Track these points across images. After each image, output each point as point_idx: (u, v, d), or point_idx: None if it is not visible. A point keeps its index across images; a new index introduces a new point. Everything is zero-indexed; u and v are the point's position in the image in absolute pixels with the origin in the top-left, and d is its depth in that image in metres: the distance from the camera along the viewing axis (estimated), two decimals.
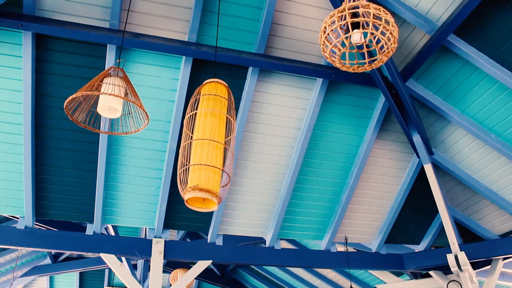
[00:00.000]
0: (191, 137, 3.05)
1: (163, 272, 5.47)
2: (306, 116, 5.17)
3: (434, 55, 4.77)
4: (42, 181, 5.15)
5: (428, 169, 5.57)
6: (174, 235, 8.21)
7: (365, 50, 2.73)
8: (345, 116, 5.33)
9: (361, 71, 2.80)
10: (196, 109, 3.09)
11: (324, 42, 2.66)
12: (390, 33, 2.55)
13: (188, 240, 8.10)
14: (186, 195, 2.83)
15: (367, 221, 6.16)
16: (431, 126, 5.45)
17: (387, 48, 2.63)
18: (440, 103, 5.08)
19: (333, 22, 2.62)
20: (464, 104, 4.95)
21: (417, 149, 5.47)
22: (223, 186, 3.03)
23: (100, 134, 4.88)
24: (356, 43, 2.61)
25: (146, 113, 3.10)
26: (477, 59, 4.46)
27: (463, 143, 5.34)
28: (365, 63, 2.78)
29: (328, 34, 2.60)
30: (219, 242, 5.71)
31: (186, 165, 2.96)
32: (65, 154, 5.06)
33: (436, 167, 5.70)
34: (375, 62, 2.76)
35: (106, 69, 4.22)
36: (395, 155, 5.77)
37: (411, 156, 5.81)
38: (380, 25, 2.51)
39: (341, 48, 2.72)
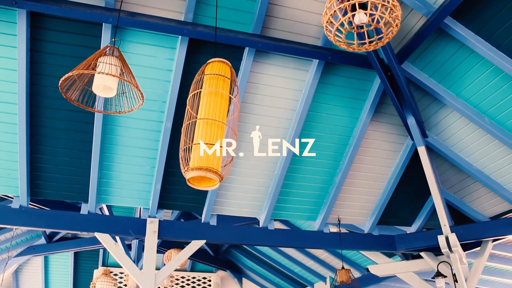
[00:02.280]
0: (194, 116, 3.06)
1: (157, 253, 5.51)
2: (301, 97, 5.18)
3: (430, 37, 4.77)
4: (37, 161, 5.14)
5: (422, 151, 5.62)
6: (168, 216, 8.25)
7: (366, 29, 2.73)
8: (341, 98, 5.34)
9: (362, 51, 2.81)
10: (200, 88, 3.10)
11: (328, 20, 2.66)
12: (396, 14, 2.56)
13: (182, 220, 8.15)
14: (188, 174, 2.85)
15: (360, 202, 6.22)
16: (425, 109, 5.48)
17: (392, 28, 2.64)
18: (435, 86, 5.10)
19: (341, 1, 2.61)
20: (459, 87, 4.98)
21: (411, 131, 5.51)
22: (225, 166, 3.05)
23: (95, 114, 4.86)
24: (361, 23, 2.61)
25: (141, 93, 3.10)
26: (473, 42, 4.47)
27: (457, 126, 5.38)
28: (366, 43, 2.79)
29: (334, 12, 2.59)
30: (213, 222, 5.75)
31: (188, 144, 2.97)
32: (60, 134, 5.05)
33: (430, 149, 5.74)
34: (381, 40, 2.76)
35: (101, 48, 4.19)
36: (389, 137, 5.80)
37: (405, 139, 5.85)
38: (384, 5, 2.51)
39: (345, 27, 2.72)
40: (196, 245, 5.56)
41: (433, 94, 5.19)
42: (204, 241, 5.60)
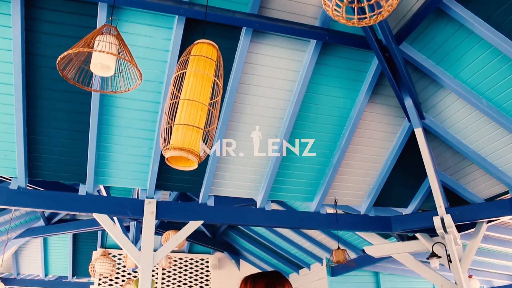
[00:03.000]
0: (177, 96, 3.06)
1: (155, 234, 5.55)
2: (299, 78, 5.16)
3: (429, 18, 4.75)
4: (34, 142, 5.14)
5: (419, 133, 5.63)
6: (166, 198, 8.28)
7: (365, 3, 2.72)
8: (338, 79, 5.33)
9: (362, 25, 2.80)
10: (185, 69, 3.09)
11: None
12: None
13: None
14: (167, 153, 2.88)
15: (356, 184, 6.25)
16: (423, 91, 5.48)
17: (392, 1, 2.64)
18: (433, 67, 5.09)
19: None
20: (457, 68, 4.97)
21: (408, 113, 5.51)
22: (206, 146, 3.07)
23: (92, 95, 4.85)
24: None
25: (139, 71, 3.09)
26: (472, 23, 4.44)
27: (454, 108, 5.38)
28: (366, 17, 2.78)
29: None
30: (211, 203, 5.78)
31: (170, 123, 2.99)
32: (56, 115, 5.04)
33: (427, 131, 5.76)
34: (381, 14, 2.76)
35: (98, 27, 4.16)
36: (386, 119, 5.80)
37: (402, 120, 5.85)
38: None
39: (344, 1, 2.71)
40: (193, 225, 5.59)
41: (431, 76, 5.18)
42: (202, 221, 5.64)
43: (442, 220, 5.77)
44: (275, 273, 2.11)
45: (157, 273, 10.92)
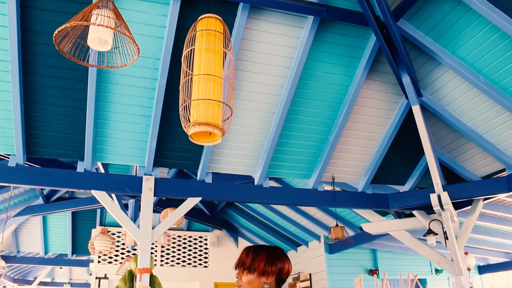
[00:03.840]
0: (190, 73, 3.06)
1: (153, 212, 5.58)
2: (296, 55, 5.13)
3: None
4: (32, 119, 5.14)
5: (416, 110, 5.63)
6: (164, 175, 8.31)
7: None
8: (336, 56, 5.30)
9: None
10: (193, 45, 3.08)
11: None
12: None
13: None
14: (190, 130, 2.87)
15: (354, 161, 6.27)
16: (421, 68, 5.46)
17: None
18: (431, 44, 5.06)
19: None
20: (455, 45, 4.94)
21: (406, 90, 5.50)
22: (226, 120, 3.07)
23: (89, 71, 4.82)
24: None
25: (137, 46, 3.07)
26: None
27: (451, 85, 5.37)
28: None
29: None
30: (209, 180, 5.81)
31: (187, 101, 2.98)
32: (54, 92, 5.02)
33: (424, 109, 5.76)
34: None
35: (94, 1, 4.12)
36: (384, 96, 5.79)
37: (399, 98, 5.84)
38: None
39: None
40: (191, 202, 5.63)
41: (429, 53, 5.16)
42: (200, 198, 5.67)
43: (439, 197, 5.82)
44: (277, 248, 2.14)
45: (156, 251, 11.03)
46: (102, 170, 6.73)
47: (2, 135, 5.16)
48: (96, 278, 10.63)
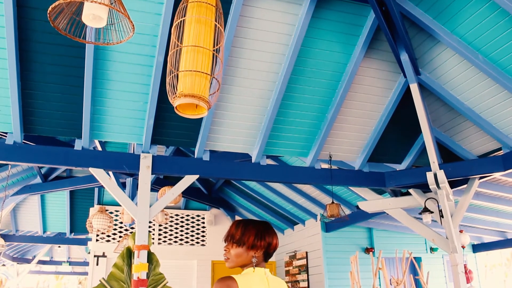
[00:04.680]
0: (178, 45, 3.03)
1: (151, 191, 5.60)
2: (294, 32, 5.09)
3: None
4: (29, 97, 5.12)
5: (414, 89, 5.63)
6: (162, 153, 8.33)
7: None
8: (334, 33, 5.27)
9: None
10: (184, 17, 3.04)
11: None
12: None
13: None
14: (176, 101, 2.86)
15: (351, 139, 6.28)
16: (419, 46, 5.44)
17: None
18: (430, 21, 5.03)
19: None
20: (454, 23, 4.91)
21: (404, 68, 5.49)
22: (213, 93, 3.06)
23: (86, 48, 4.79)
24: None
25: (131, 23, 3.04)
26: None
27: (450, 64, 5.36)
28: None
29: None
30: (206, 157, 5.82)
31: (174, 72, 2.96)
32: (50, 69, 4.99)
33: (422, 87, 5.76)
34: None
35: None
36: (382, 74, 5.78)
37: (397, 76, 5.83)
38: None
39: None
40: (189, 180, 5.65)
41: (428, 30, 5.13)
42: (197, 176, 5.69)
43: (435, 175, 5.86)
44: (265, 223, 2.18)
45: (153, 229, 11.11)
46: (100, 149, 6.74)
47: None
48: (94, 256, 10.73)
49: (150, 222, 8.20)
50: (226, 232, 2.16)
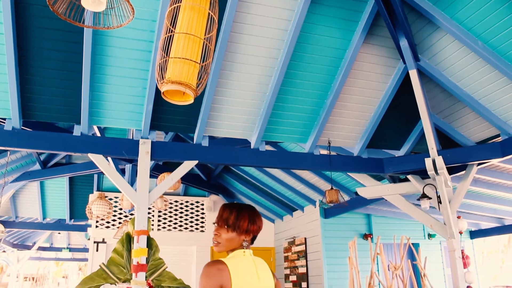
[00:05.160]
0: (171, 30, 3.03)
1: (150, 177, 5.61)
2: (293, 17, 5.06)
3: None
4: (27, 82, 5.10)
5: (413, 75, 5.62)
6: (161, 139, 8.34)
7: None
8: (333, 19, 5.24)
9: None
10: (179, 2, 3.04)
11: None
12: None
13: None
14: (163, 87, 2.88)
15: (350, 125, 6.29)
16: (419, 32, 5.42)
17: None
18: (430, 7, 5.01)
19: None
20: (454, 9, 4.89)
21: (403, 54, 5.47)
22: (200, 82, 3.07)
23: (84, 33, 4.76)
24: None
25: (131, 6, 3.03)
26: None
27: (449, 50, 5.35)
28: None
29: None
30: (205, 143, 5.83)
31: (165, 57, 2.97)
32: (49, 54, 4.97)
33: (421, 73, 5.75)
34: None
35: None
36: (381, 60, 5.77)
37: (397, 62, 5.82)
38: None
39: None
40: (188, 165, 5.66)
41: (427, 16, 5.11)
42: (196, 161, 5.70)
43: (433, 162, 5.88)
44: (253, 207, 2.23)
45: (153, 216, 11.16)
46: (99, 135, 6.73)
47: None
48: (94, 242, 10.79)
49: (149, 208, 8.23)
50: (218, 216, 2.17)
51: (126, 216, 11.08)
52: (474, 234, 11.22)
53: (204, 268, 2.00)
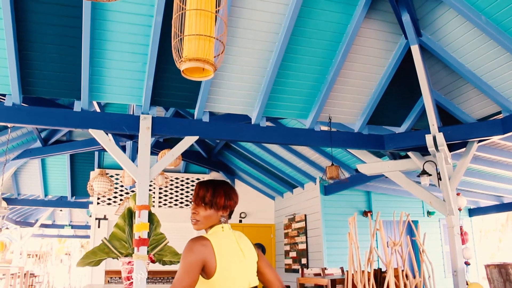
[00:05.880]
0: (183, 8, 3.03)
1: (151, 155, 5.61)
2: None
3: None
4: (26, 58, 5.08)
5: (415, 50, 5.58)
6: (161, 115, 8.32)
7: None
8: None
9: None
10: None
11: None
12: None
13: None
14: (182, 66, 2.89)
15: (351, 101, 6.26)
16: (421, 6, 5.36)
17: None
18: None
19: None
20: None
21: (405, 29, 5.42)
22: (218, 55, 3.07)
23: (83, 8, 4.71)
24: None
25: None
26: None
27: (452, 25, 5.29)
28: None
29: None
30: (206, 119, 5.82)
31: (179, 36, 2.98)
32: (48, 29, 4.93)
33: (423, 49, 5.70)
34: None
35: None
36: (382, 36, 5.71)
37: (398, 37, 5.77)
38: None
39: None
40: (189, 141, 5.66)
41: None
42: (197, 137, 5.70)
43: (434, 138, 5.87)
44: (228, 183, 2.28)
45: (154, 192, 11.22)
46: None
47: None
48: (96, 219, 10.88)
49: (150, 185, 8.26)
50: (194, 195, 2.21)
51: (127, 193, 11.14)
52: (472, 212, 11.29)
53: (188, 243, 2.03)
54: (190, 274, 1.96)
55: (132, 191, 11.09)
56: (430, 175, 6.37)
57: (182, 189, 11.60)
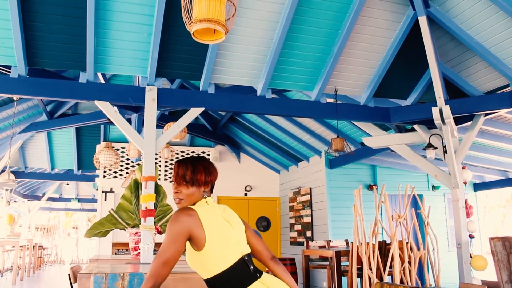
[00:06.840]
0: None
1: (156, 128, 5.62)
2: None
3: None
4: (31, 29, 5.05)
5: (423, 21, 5.51)
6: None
7: None
8: None
9: None
10: None
11: None
12: None
13: None
14: (192, 27, 2.85)
15: (357, 73, 6.22)
16: None
17: None
18: None
19: None
20: None
21: (413, 0, 5.34)
22: (229, 18, 3.04)
23: None
24: None
25: None
26: None
27: None
28: None
29: None
30: (211, 90, 5.81)
31: None
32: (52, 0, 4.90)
33: (431, 20, 5.62)
34: None
35: None
36: (390, 7, 5.63)
37: (406, 9, 5.68)
38: None
39: None
40: (194, 112, 5.66)
41: None
42: (203, 108, 5.70)
43: (440, 111, 5.85)
44: (206, 159, 2.30)
45: (160, 166, 11.28)
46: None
47: (2, 45, 5.10)
48: (102, 192, 10.97)
49: (156, 158, 8.31)
50: (174, 175, 2.22)
51: (133, 166, 11.21)
52: (477, 187, 11.30)
53: (174, 214, 2.05)
54: (176, 244, 1.97)
55: (138, 164, 11.15)
56: (436, 148, 6.36)
57: None
